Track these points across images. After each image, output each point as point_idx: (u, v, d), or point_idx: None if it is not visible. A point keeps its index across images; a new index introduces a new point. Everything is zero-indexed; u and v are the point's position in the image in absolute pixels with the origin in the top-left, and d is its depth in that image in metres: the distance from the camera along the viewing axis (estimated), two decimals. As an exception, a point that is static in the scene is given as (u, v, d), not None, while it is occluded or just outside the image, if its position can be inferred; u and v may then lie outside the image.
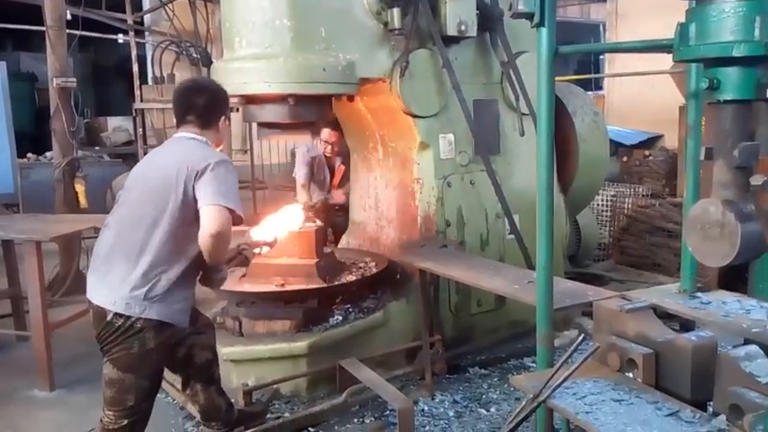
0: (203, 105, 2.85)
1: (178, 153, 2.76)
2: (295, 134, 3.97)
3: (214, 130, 2.90)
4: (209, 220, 2.56)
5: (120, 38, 11.87)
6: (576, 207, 5.32)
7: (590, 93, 11.20)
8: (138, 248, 2.63)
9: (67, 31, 6.24)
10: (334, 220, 5.62)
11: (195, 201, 2.63)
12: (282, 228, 3.59)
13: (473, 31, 4.20)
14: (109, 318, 2.63)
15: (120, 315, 2.61)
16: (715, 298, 2.48)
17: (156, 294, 2.62)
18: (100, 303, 2.66)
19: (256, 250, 3.14)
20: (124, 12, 10.74)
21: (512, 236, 4.38)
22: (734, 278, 3.98)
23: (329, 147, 5.66)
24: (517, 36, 4.36)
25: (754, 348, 2.01)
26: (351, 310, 4.09)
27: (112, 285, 2.64)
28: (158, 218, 2.64)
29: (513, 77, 4.35)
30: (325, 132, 5.46)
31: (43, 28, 6.04)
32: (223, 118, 2.93)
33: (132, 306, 2.60)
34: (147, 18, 11.49)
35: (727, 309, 2.35)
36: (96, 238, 2.86)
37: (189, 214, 2.65)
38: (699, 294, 2.51)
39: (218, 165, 2.66)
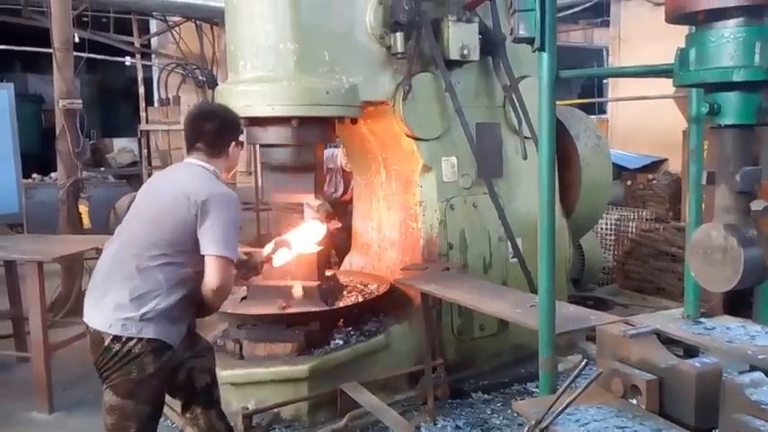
0: (212, 132, 2.83)
1: (182, 181, 2.76)
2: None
3: (224, 158, 2.87)
4: (214, 274, 2.61)
5: (127, 60, 12.02)
6: (579, 231, 5.30)
7: (593, 116, 11.27)
8: (135, 273, 2.62)
9: (75, 53, 6.31)
10: (336, 242, 5.60)
11: (194, 231, 2.64)
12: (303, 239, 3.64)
13: (475, 56, 4.23)
14: (106, 343, 2.60)
15: (118, 339, 2.59)
16: (719, 323, 2.45)
17: (151, 317, 2.61)
18: (96, 327, 2.64)
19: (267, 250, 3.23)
20: (131, 35, 10.89)
21: (515, 259, 4.36)
22: (739, 303, 3.94)
23: None
24: (519, 60, 4.39)
25: (759, 375, 1.98)
26: (352, 333, 4.06)
27: (108, 308, 2.62)
28: (156, 243, 2.64)
29: (516, 101, 4.37)
30: None
31: (51, 50, 6.11)
32: (233, 144, 2.90)
33: (129, 327, 2.59)
34: (153, 41, 11.64)
35: (731, 334, 2.33)
36: (99, 259, 2.86)
37: (187, 243, 2.65)
38: (703, 320, 2.49)
39: (220, 202, 2.65)
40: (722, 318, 2.54)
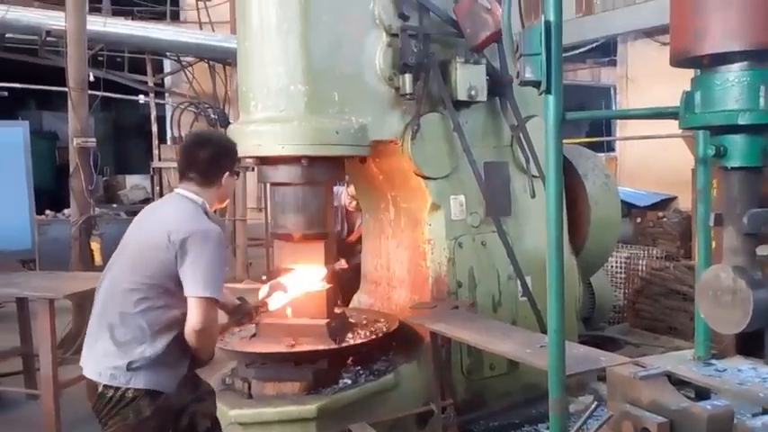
0: (205, 160, 2.74)
1: (166, 217, 2.68)
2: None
3: (216, 188, 2.78)
4: (195, 316, 2.52)
5: (141, 98, 12.23)
6: (589, 269, 5.28)
7: (602, 154, 11.31)
8: (118, 319, 2.56)
9: (89, 92, 6.44)
10: (342, 281, 5.60)
11: (174, 271, 2.55)
12: (299, 282, 3.59)
13: (483, 96, 4.28)
14: (99, 389, 2.57)
15: (109, 386, 2.55)
16: (730, 365, 2.44)
17: (139, 365, 2.54)
18: (89, 375, 2.62)
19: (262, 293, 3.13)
20: (145, 74, 11.10)
21: (524, 298, 4.34)
22: (751, 343, 3.90)
23: (355, 202, 5.70)
24: (526, 100, 4.44)
25: (771, 419, 1.96)
26: (361, 372, 4.03)
27: (97, 356, 2.59)
28: (137, 288, 2.56)
29: (523, 141, 4.40)
30: (353, 188, 5.50)
31: (66, 89, 6.24)
32: (227, 174, 2.80)
33: (117, 377, 2.54)
34: (167, 80, 11.85)
35: (742, 377, 2.31)
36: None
37: (168, 284, 2.57)
38: (713, 361, 2.47)
39: (201, 240, 2.54)
40: (733, 359, 2.52)
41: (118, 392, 2.54)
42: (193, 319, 2.53)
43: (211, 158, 2.77)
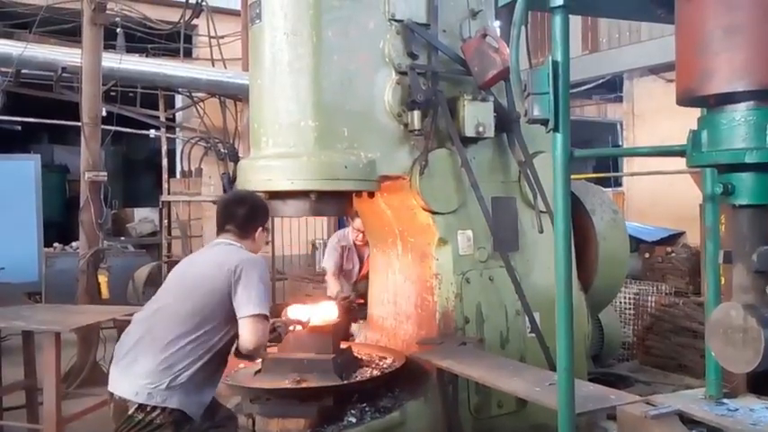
0: (243, 216, 3.08)
1: (214, 256, 2.99)
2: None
3: (251, 240, 3.10)
4: (250, 334, 2.75)
5: (152, 133, 12.36)
6: (597, 305, 5.24)
7: (609, 189, 11.32)
8: (167, 342, 2.73)
9: (102, 126, 6.52)
10: (356, 314, 5.58)
11: (228, 301, 2.78)
12: (317, 312, 3.69)
13: (491, 133, 4.32)
14: (130, 411, 2.67)
15: (142, 408, 2.66)
16: (742, 404, 2.40)
17: (177, 384, 2.69)
18: (122, 395, 2.72)
19: (291, 327, 3.33)
20: (157, 109, 11.24)
21: (532, 334, 4.31)
22: (764, 381, 3.84)
23: (361, 235, 5.72)
24: (533, 137, 4.47)
25: (786, 461, 1.93)
26: (367, 409, 3.98)
27: (136, 376, 2.71)
28: (189, 315, 2.77)
29: (531, 176, 4.42)
30: (358, 221, 5.54)
31: (78, 123, 6.31)
32: (260, 228, 3.15)
33: (154, 396, 2.67)
34: (178, 115, 11.98)
35: (755, 416, 2.28)
36: (115, 329, 2.93)
37: (219, 313, 2.79)
38: (725, 400, 2.44)
39: (250, 266, 2.85)
40: (745, 398, 2.49)
41: (148, 416, 2.66)
42: (247, 338, 2.75)
43: (247, 214, 3.10)
